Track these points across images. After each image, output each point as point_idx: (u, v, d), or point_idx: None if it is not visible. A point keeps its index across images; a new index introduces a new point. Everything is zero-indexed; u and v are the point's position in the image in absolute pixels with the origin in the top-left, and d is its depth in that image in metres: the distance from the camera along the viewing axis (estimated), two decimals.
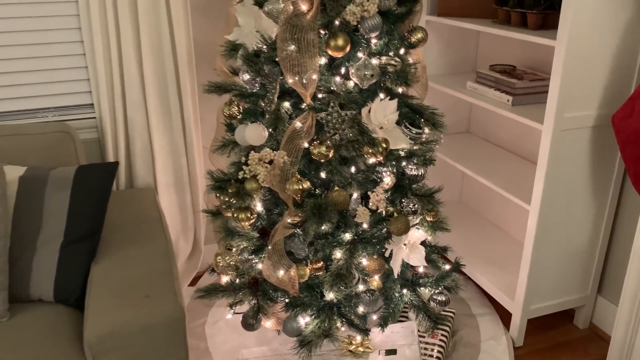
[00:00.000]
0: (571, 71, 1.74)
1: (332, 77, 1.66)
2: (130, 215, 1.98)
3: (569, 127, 1.83)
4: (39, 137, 1.93)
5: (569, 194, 1.95)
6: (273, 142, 1.75)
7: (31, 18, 2.02)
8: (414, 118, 1.75)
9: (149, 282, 1.59)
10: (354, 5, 1.55)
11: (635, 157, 1.70)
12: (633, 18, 1.76)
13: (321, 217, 1.63)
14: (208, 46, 2.30)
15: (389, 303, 1.86)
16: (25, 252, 1.67)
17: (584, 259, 2.10)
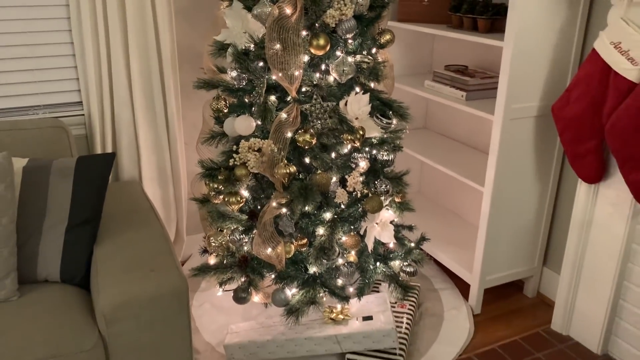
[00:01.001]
0: (517, 68, 2.03)
1: (314, 72, 1.87)
2: (122, 206, 2.12)
3: (516, 116, 2.11)
4: (36, 132, 2.05)
5: (518, 176, 2.24)
6: (260, 133, 1.94)
7: (24, 20, 2.14)
8: (384, 110, 1.99)
9: (152, 259, 1.75)
10: (333, 9, 1.78)
11: (571, 141, 2.00)
12: (567, 22, 2.06)
13: (306, 197, 1.84)
14: (190, 48, 2.47)
15: (364, 275, 2.08)
16: (32, 236, 1.80)
17: (531, 234, 2.40)
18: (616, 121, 1.79)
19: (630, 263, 1.99)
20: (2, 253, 1.69)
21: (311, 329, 2.03)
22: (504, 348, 2.17)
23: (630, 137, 1.76)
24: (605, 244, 2.02)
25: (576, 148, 1.98)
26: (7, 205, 1.71)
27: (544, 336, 2.24)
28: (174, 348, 1.68)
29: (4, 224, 1.71)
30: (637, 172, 1.78)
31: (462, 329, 2.28)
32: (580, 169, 1.99)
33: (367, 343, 1.99)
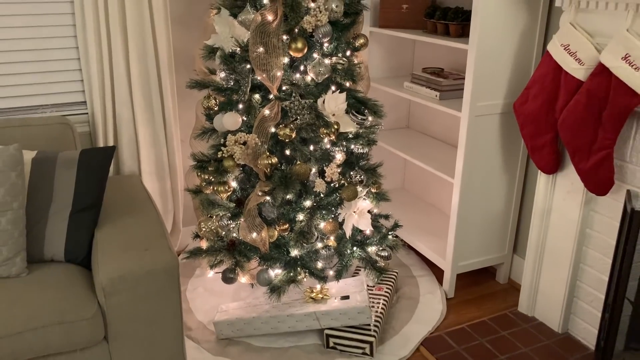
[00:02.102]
0: (480, 68, 2.22)
1: (294, 73, 2.07)
2: (122, 196, 2.32)
3: (482, 113, 2.30)
4: (44, 128, 2.26)
5: (485, 168, 2.42)
6: (245, 128, 2.15)
7: (33, 27, 2.36)
8: (359, 107, 2.19)
9: (147, 240, 1.95)
10: (309, 16, 1.98)
11: (530, 135, 2.18)
12: (528, 27, 2.26)
13: (287, 186, 2.04)
14: (185, 52, 2.68)
15: (343, 258, 2.27)
16: (40, 221, 2.00)
17: (501, 223, 2.58)
18: (566, 116, 1.98)
19: (584, 247, 2.17)
20: (13, 234, 1.90)
21: (293, 307, 2.21)
22: (472, 327, 2.35)
23: (578, 130, 1.95)
24: (563, 230, 2.20)
25: (534, 141, 2.16)
26: (17, 191, 1.92)
27: (510, 317, 2.42)
28: (165, 318, 1.88)
29: (15, 209, 1.91)
30: (585, 162, 1.96)
31: (435, 311, 2.46)
32: (538, 160, 2.18)
33: (344, 319, 2.17)
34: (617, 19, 1.83)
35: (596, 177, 1.94)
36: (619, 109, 1.81)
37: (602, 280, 2.11)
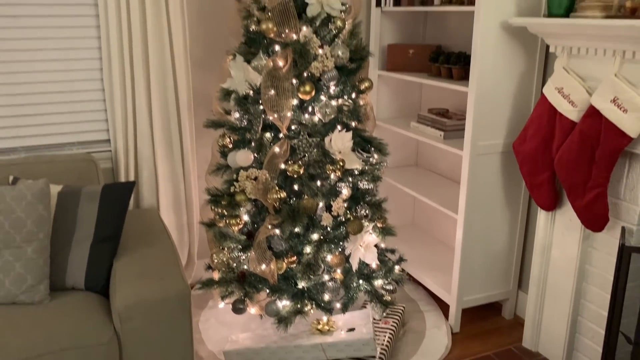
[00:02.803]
0: (480, 109, 2.33)
1: (302, 113, 2.21)
2: (140, 228, 2.45)
3: (483, 152, 2.40)
4: (70, 164, 2.42)
5: (488, 205, 2.51)
6: (257, 164, 2.28)
7: (62, 72, 2.56)
8: (365, 145, 2.31)
9: (162, 269, 2.06)
10: (317, 62, 2.13)
11: (529, 173, 2.27)
12: (525, 71, 2.38)
13: (295, 219, 2.15)
14: (203, 93, 2.85)
15: (349, 291, 2.35)
16: (63, 250, 2.14)
17: (505, 259, 2.64)
18: (561, 155, 2.07)
19: (584, 282, 2.22)
20: (38, 262, 2.03)
21: (300, 338, 2.29)
22: None
23: (573, 169, 2.03)
24: (563, 265, 2.26)
25: (533, 179, 2.25)
26: (44, 222, 2.06)
27: (515, 352, 2.46)
28: (177, 344, 1.97)
29: (41, 238, 2.05)
30: (580, 199, 2.04)
31: (441, 345, 2.51)
32: (537, 197, 2.26)
33: (349, 351, 2.24)
34: (605, 65, 1.94)
35: (591, 213, 2.01)
36: (610, 149, 1.90)
37: (602, 315, 2.15)
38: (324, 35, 2.20)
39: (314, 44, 2.14)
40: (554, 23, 1.98)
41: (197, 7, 2.73)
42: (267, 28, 2.11)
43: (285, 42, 2.15)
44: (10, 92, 2.50)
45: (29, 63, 2.50)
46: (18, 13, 2.43)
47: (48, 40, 2.50)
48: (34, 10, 2.45)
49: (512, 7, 2.26)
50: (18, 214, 2.01)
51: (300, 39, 2.15)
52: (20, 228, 2.00)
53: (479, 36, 2.24)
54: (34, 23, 2.46)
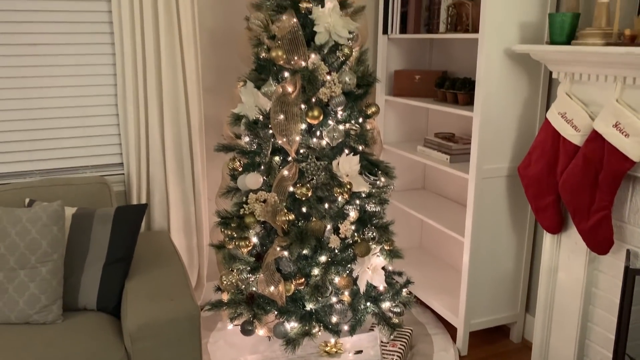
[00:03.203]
0: (485, 134, 2.38)
1: (310, 137, 2.27)
2: (151, 250, 2.50)
3: (488, 176, 2.44)
4: (84, 187, 2.48)
5: (494, 228, 2.53)
6: (266, 187, 2.33)
7: (77, 97, 2.64)
8: (372, 169, 2.35)
9: (172, 290, 2.10)
10: (325, 88, 2.19)
11: (534, 196, 2.30)
12: (529, 96, 2.42)
13: (303, 241, 2.19)
14: (214, 118, 2.92)
15: (356, 313, 2.37)
16: (76, 271, 2.18)
17: (512, 282, 2.65)
18: (566, 179, 2.10)
19: (591, 305, 2.22)
20: (52, 283, 2.08)
21: None
22: None
23: (577, 192, 2.06)
24: (569, 288, 2.27)
25: (538, 202, 2.28)
26: (58, 244, 2.11)
27: None
28: None
29: (55, 259, 2.10)
30: (585, 222, 2.06)
31: None
32: (543, 220, 2.28)
33: None
34: (607, 90, 1.98)
35: (596, 236, 2.03)
36: (613, 173, 1.93)
37: (609, 338, 2.15)
38: (331, 62, 2.27)
39: (322, 71, 2.21)
40: (556, 50, 2.04)
41: (210, 35, 2.82)
42: (276, 55, 2.18)
43: (294, 69, 2.22)
44: (27, 117, 2.58)
45: (45, 89, 2.58)
46: (36, 41, 2.52)
47: (64, 67, 2.59)
48: (52, 38, 2.54)
49: (515, 34, 2.32)
50: (33, 235, 2.06)
51: (309, 66, 2.21)
52: (35, 249, 2.05)
53: (483, 63, 2.30)
54: (51, 50, 2.55)
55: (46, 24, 2.52)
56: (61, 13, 2.54)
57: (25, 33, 2.50)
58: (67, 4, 2.53)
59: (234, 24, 2.86)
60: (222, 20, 2.83)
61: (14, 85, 2.53)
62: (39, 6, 2.50)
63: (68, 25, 2.56)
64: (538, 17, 2.34)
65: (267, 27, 2.24)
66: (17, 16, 2.47)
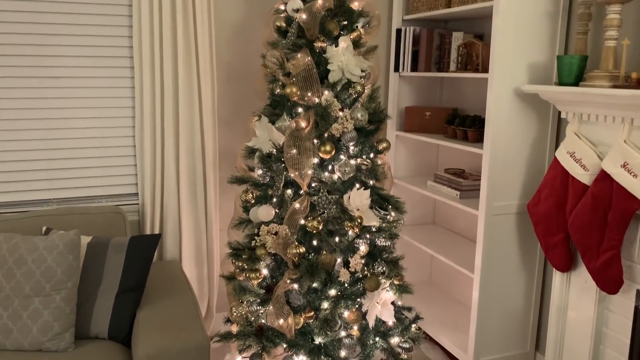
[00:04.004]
0: (494, 171, 2.41)
1: (322, 171, 2.31)
2: (163, 280, 2.53)
3: (498, 212, 2.46)
4: (100, 216, 2.53)
5: (503, 265, 2.54)
6: (277, 219, 2.36)
7: (96, 128, 2.72)
8: (382, 203, 2.39)
9: (182, 321, 2.12)
10: (337, 124, 2.24)
11: (544, 234, 2.31)
12: (538, 134, 2.46)
13: (313, 274, 2.21)
14: (229, 150, 2.99)
15: (365, 348, 2.37)
16: (89, 299, 2.21)
17: (521, 319, 2.64)
18: (575, 217, 2.12)
19: (601, 345, 2.21)
20: (65, 311, 2.11)
21: None
22: None
23: (586, 231, 2.08)
24: (579, 327, 2.26)
25: (548, 240, 2.29)
26: (73, 272, 2.15)
27: None
28: None
29: (69, 287, 2.13)
30: (595, 261, 2.07)
31: None
32: (552, 258, 2.29)
33: None
34: (615, 131, 2.02)
35: (606, 276, 2.04)
36: (622, 212, 1.95)
37: None
38: (344, 99, 2.33)
39: (334, 107, 2.27)
40: (564, 91, 2.08)
41: (226, 69, 2.91)
42: (291, 92, 2.25)
43: (307, 105, 2.28)
44: (48, 147, 2.65)
45: (67, 120, 2.66)
46: (60, 74, 2.61)
47: (86, 99, 2.68)
48: (75, 72, 2.64)
49: (525, 74, 2.37)
50: (49, 263, 2.11)
51: (322, 103, 2.27)
52: (50, 277, 2.09)
53: (492, 101, 2.35)
54: (74, 83, 2.64)
55: (70, 58, 2.62)
56: (85, 48, 2.64)
57: (51, 67, 2.59)
58: (90, 39, 2.64)
59: (250, 59, 2.94)
60: (238, 56, 2.92)
61: (38, 116, 2.61)
62: (65, 41, 2.60)
63: (91, 59, 2.66)
64: (547, 58, 2.39)
65: (282, 65, 2.31)
66: (45, 50, 2.57)
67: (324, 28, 2.29)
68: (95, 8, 2.62)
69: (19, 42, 2.53)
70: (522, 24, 2.33)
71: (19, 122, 2.60)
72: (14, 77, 2.55)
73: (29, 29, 2.54)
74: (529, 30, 2.35)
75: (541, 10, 2.35)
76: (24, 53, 2.55)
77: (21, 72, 2.56)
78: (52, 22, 2.57)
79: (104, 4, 2.64)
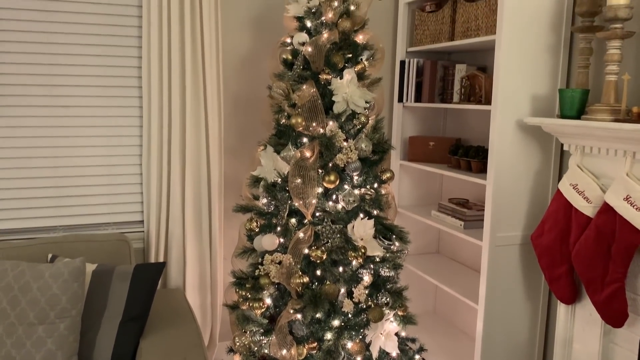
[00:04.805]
0: (498, 202, 2.42)
1: (326, 201, 2.33)
2: (167, 308, 2.53)
3: (502, 244, 2.46)
4: (105, 244, 2.55)
5: (508, 296, 2.53)
6: (281, 248, 2.37)
7: (103, 157, 2.76)
8: (386, 233, 2.39)
9: (185, 350, 2.12)
10: (342, 154, 2.27)
11: (547, 266, 2.31)
12: (542, 166, 2.48)
13: (317, 304, 2.21)
14: (234, 179, 3.01)
15: None
16: (92, 327, 2.21)
17: (526, 351, 2.61)
18: (578, 249, 2.12)
19: None
20: (69, 339, 2.11)
21: None
22: None
23: (590, 263, 2.07)
24: None
25: (551, 272, 2.28)
26: (77, 300, 2.16)
27: None
28: None
29: (73, 315, 2.14)
30: (599, 294, 2.06)
31: None
32: (557, 290, 2.28)
33: None
34: (617, 164, 2.03)
35: (610, 309, 2.03)
36: (626, 245, 1.95)
37: None
38: (348, 130, 2.36)
39: (339, 138, 2.29)
40: (566, 124, 2.11)
41: (233, 100, 2.96)
42: (296, 122, 2.28)
43: (312, 135, 2.31)
44: (55, 175, 2.69)
45: (74, 148, 2.71)
46: (69, 103, 2.66)
47: (94, 127, 2.72)
48: (84, 101, 2.69)
49: (527, 106, 2.40)
50: (54, 290, 2.12)
51: (327, 133, 2.30)
52: (55, 305, 2.10)
53: (495, 133, 2.37)
54: (83, 112, 2.69)
55: (80, 87, 2.68)
56: (94, 78, 2.69)
57: (60, 96, 2.65)
58: (100, 69, 2.69)
59: (256, 89, 2.99)
60: (245, 86, 2.97)
61: (46, 144, 2.66)
62: (74, 71, 2.66)
63: (100, 89, 2.71)
64: (549, 91, 2.42)
65: (288, 96, 2.35)
66: (55, 80, 2.63)
67: (329, 61, 2.33)
68: (105, 39, 2.69)
69: (30, 72, 2.59)
70: (525, 57, 2.37)
71: (28, 150, 2.64)
72: (24, 106, 2.61)
73: (39, 59, 2.60)
74: (531, 63, 2.38)
75: (543, 44, 2.39)
76: (35, 83, 2.60)
77: (31, 101, 2.61)
78: (62, 53, 2.63)
79: (114, 35, 2.70)
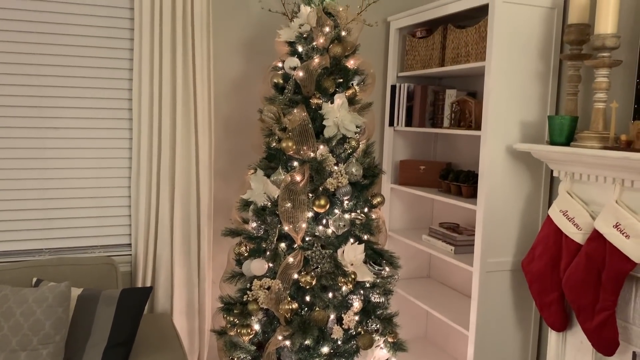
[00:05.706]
0: (489, 227, 2.41)
1: (316, 225, 2.31)
2: (153, 333, 2.48)
3: (492, 269, 2.45)
4: (92, 267, 2.51)
5: (499, 322, 2.51)
6: (271, 273, 2.34)
7: (93, 179, 2.73)
8: (376, 258, 2.38)
9: None
10: (332, 178, 2.26)
11: (538, 292, 2.30)
12: (531, 191, 2.48)
13: (305, 331, 2.17)
14: (224, 202, 2.99)
15: None
16: (77, 353, 2.17)
17: None
18: (569, 276, 2.11)
19: None
20: None
21: None
22: None
23: (580, 290, 2.06)
24: None
25: (542, 299, 2.27)
26: (62, 325, 2.12)
27: None
28: None
29: (57, 341, 2.09)
30: (590, 321, 2.05)
31: None
32: (548, 317, 2.26)
33: None
34: (606, 191, 2.04)
35: (601, 337, 2.01)
36: (616, 273, 1.94)
37: None
38: (339, 154, 2.36)
39: (329, 162, 2.29)
40: (555, 151, 2.11)
41: (224, 123, 2.95)
42: (287, 146, 2.27)
43: (303, 159, 2.31)
44: (43, 197, 2.66)
45: (63, 170, 2.68)
46: (59, 125, 2.65)
47: (83, 149, 2.70)
48: (74, 123, 2.67)
49: (517, 132, 2.41)
50: (38, 316, 2.07)
51: (317, 157, 2.30)
52: (38, 330, 2.06)
53: (485, 158, 2.38)
54: (72, 134, 2.68)
55: (70, 109, 2.66)
56: (84, 100, 2.69)
57: (50, 117, 2.63)
58: (90, 91, 2.69)
59: (247, 113, 2.99)
60: (236, 109, 2.97)
61: (35, 166, 2.63)
62: (64, 93, 2.65)
63: (90, 111, 2.70)
64: (538, 117, 2.44)
65: (279, 120, 2.35)
66: (44, 101, 2.61)
67: (320, 85, 2.34)
68: (96, 61, 2.69)
69: (19, 94, 2.58)
70: (514, 83, 2.39)
71: (17, 172, 2.61)
72: (13, 128, 2.58)
73: (29, 80, 2.59)
74: (520, 90, 2.40)
75: (532, 71, 2.41)
76: (24, 104, 2.59)
77: (20, 123, 2.59)
78: (52, 75, 2.62)
79: (105, 57, 2.70)
